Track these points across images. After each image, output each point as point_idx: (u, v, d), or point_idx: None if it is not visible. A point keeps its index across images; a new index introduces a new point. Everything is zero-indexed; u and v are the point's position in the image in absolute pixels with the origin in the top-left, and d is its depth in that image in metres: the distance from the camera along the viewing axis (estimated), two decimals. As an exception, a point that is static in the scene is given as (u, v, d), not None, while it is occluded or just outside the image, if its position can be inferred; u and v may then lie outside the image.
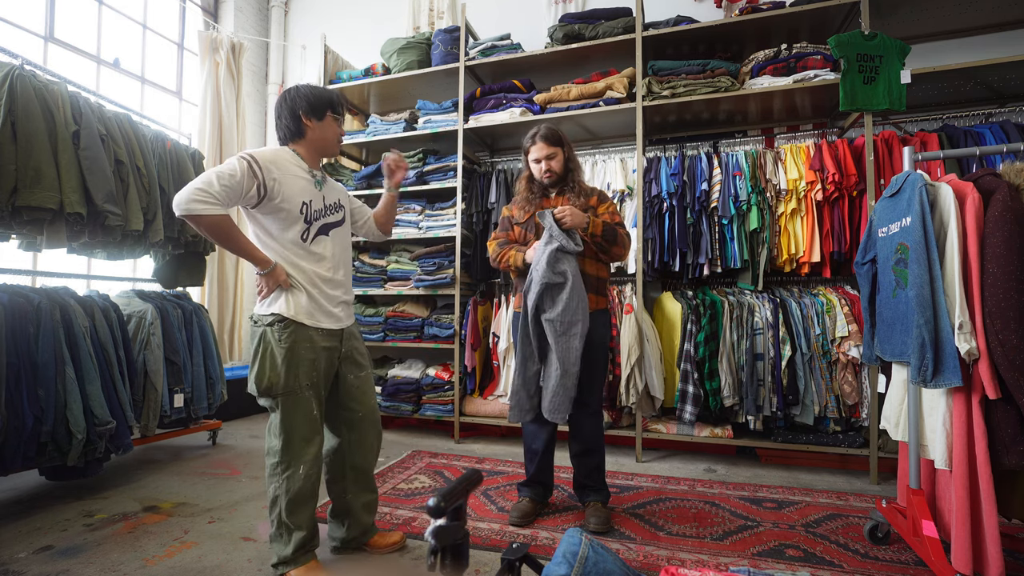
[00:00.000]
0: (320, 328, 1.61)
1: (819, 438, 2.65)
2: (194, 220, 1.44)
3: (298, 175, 1.60)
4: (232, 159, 1.50)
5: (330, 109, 1.67)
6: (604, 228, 1.96)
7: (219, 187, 1.44)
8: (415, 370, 3.47)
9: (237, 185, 1.47)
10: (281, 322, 1.56)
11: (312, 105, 1.63)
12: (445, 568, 0.77)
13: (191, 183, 1.44)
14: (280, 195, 1.54)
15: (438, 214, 3.44)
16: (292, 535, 1.57)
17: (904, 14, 2.84)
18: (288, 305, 1.56)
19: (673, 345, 2.90)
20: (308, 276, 1.60)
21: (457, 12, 3.98)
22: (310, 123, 1.64)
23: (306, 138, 1.65)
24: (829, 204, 2.78)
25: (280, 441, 1.57)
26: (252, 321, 1.61)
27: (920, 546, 1.64)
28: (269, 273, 1.54)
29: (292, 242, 1.59)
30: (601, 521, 1.95)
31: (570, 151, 2.10)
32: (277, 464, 1.58)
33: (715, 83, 2.88)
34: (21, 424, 2.01)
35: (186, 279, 3.16)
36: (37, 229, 2.19)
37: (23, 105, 2.07)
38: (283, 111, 1.64)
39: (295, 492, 1.57)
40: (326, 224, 1.65)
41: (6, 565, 1.68)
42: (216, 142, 3.91)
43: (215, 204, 1.44)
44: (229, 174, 1.46)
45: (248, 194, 1.50)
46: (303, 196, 1.59)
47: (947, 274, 1.57)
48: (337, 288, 1.68)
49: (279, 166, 1.56)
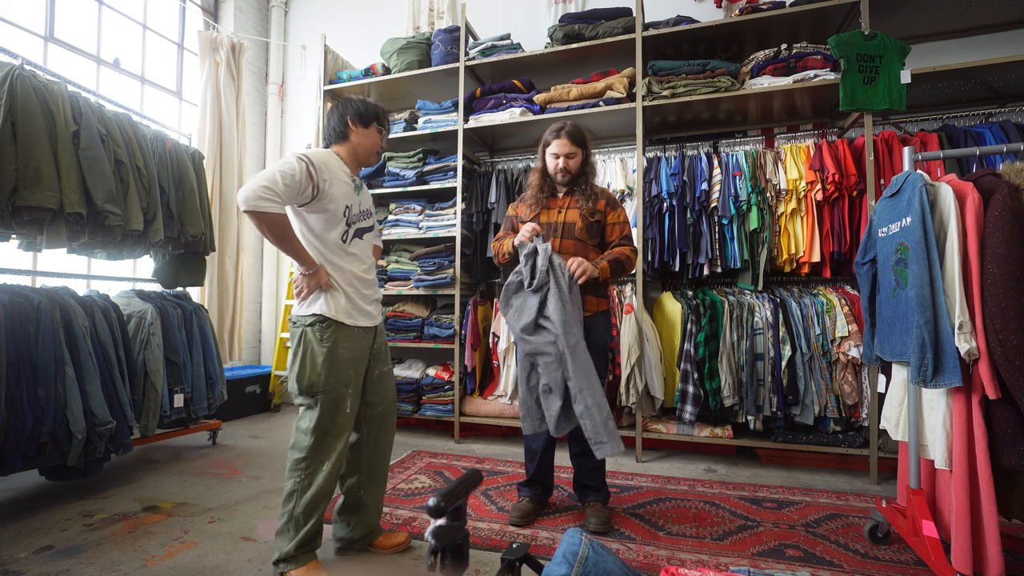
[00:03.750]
0: (357, 327, 1.67)
1: (819, 438, 2.65)
2: (256, 217, 1.48)
3: (343, 179, 1.67)
4: (291, 158, 1.55)
5: (375, 120, 1.76)
6: (611, 268, 1.96)
7: (283, 186, 1.48)
8: (415, 370, 3.47)
9: (296, 184, 1.52)
10: (322, 322, 1.60)
11: (360, 113, 1.73)
12: (445, 568, 0.77)
13: (256, 180, 1.47)
14: (328, 196, 1.60)
15: (438, 214, 3.44)
16: (299, 531, 1.58)
17: (904, 14, 2.84)
18: (328, 306, 1.61)
19: (673, 345, 2.90)
20: (347, 276, 1.66)
21: (457, 12, 3.98)
22: (355, 128, 1.73)
23: (349, 142, 1.74)
24: (829, 204, 2.78)
25: (311, 439, 1.59)
26: (291, 322, 1.66)
27: (920, 546, 1.64)
28: (313, 274, 1.60)
29: (334, 243, 1.64)
30: (601, 521, 1.95)
31: (589, 154, 2.09)
32: (302, 460, 1.60)
33: (715, 83, 2.88)
34: (21, 424, 2.01)
35: (186, 279, 3.15)
36: (37, 229, 2.19)
37: (23, 105, 2.07)
38: (333, 115, 1.74)
39: (316, 489, 1.58)
40: (361, 228, 1.73)
41: (6, 565, 1.68)
42: (216, 142, 3.91)
43: (279, 202, 1.49)
44: (291, 174, 1.50)
45: (303, 193, 1.55)
46: (346, 199, 1.66)
47: (947, 274, 1.57)
48: (370, 288, 1.75)
49: (329, 168, 1.62)
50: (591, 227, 2.03)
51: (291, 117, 4.74)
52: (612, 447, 1.75)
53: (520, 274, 1.95)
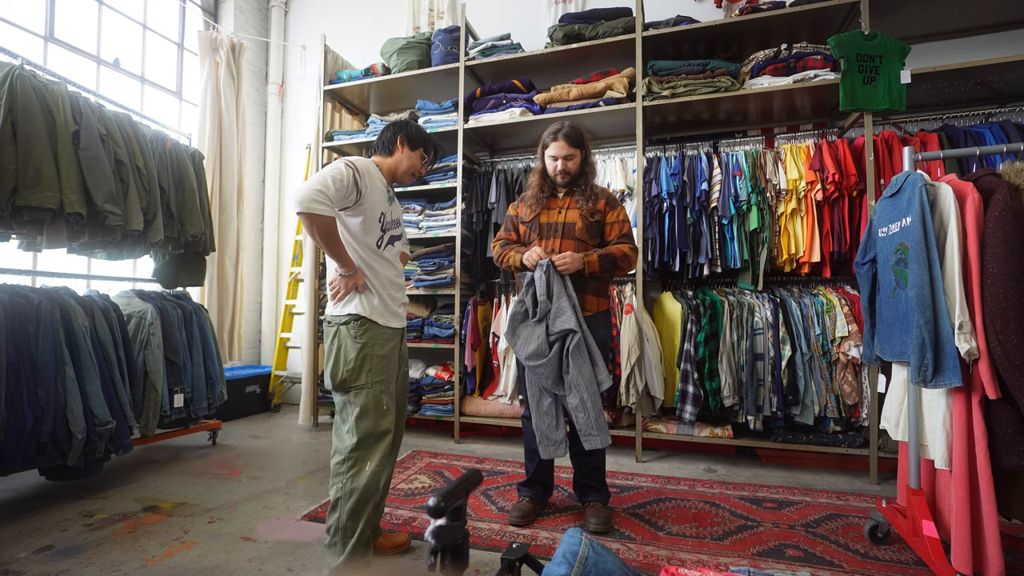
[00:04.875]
0: (389, 327, 1.73)
1: (819, 438, 2.65)
2: (309, 219, 1.55)
3: (380, 187, 1.75)
4: (339, 164, 1.63)
5: (423, 146, 1.86)
6: (601, 262, 1.96)
7: (334, 190, 1.56)
8: (415, 370, 3.47)
9: (344, 189, 1.60)
10: (357, 320, 1.67)
11: (411, 137, 1.83)
12: (445, 568, 0.77)
13: (309, 184, 1.54)
14: (368, 202, 1.68)
15: (438, 214, 3.44)
16: (348, 542, 1.57)
17: (904, 14, 2.84)
18: (363, 306, 1.68)
19: (673, 345, 2.90)
20: (381, 279, 1.73)
21: (457, 12, 3.98)
22: (402, 148, 1.82)
23: (392, 157, 1.83)
24: (829, 204, 2.78)
25: (353, 439, 1.61)
26: (326, 322, 1.74)
27: (920, 546, 1.64)
28: (352, 275, 1.67)
29: (370, 247, 1.72)
30: (601, 521, 1.95)
31: (588, 154, 2.09)
32: (343, 462, 1.61)
33: (715, 83, 2.88)
34: (21, 424, 2.01)
35: (186, 279, 3.15)
36: (37, 229, 2.19)
37: (23, 105, 2.07)
38: (388, 130, 1.85)
39: (361, 489, 1.58)
40: (392, 236, 1.81)
41: (6, 565, 1.68)
42: (216, 142, 3.91)
43: (330, 205, 1.56)
44: (340, 179, 1.58)
45: (348, 197, 1.63)
46: (381, 207, 1.74)
47: (947, 274, 1.57)
48: (400, 292, 1.82)
49: (370, 176, 1.71)
50: (591, 227, 2.03)
51: (291, 117, 4.74)
52: (601, 439, 1.87)
53: (524, 303, 1.99)
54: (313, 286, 3.70)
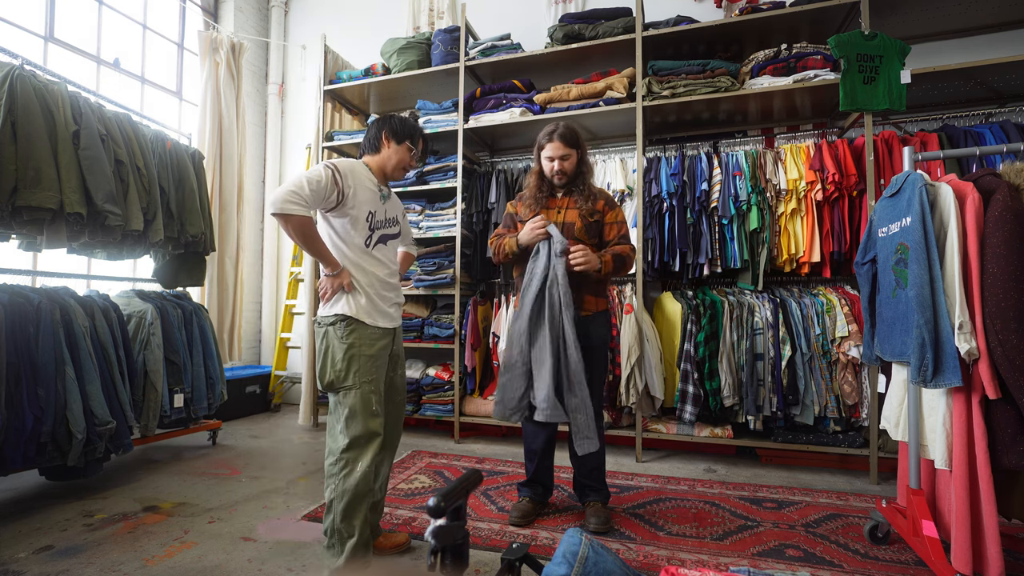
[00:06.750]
0: (377, 327, 1.72)
1: (819, 438, 2.65)
2: (283, 219, 1.58)
3: (368, 187, 1.74)
4: (318, 167, 1.65)
5: (408, 139, 1.84)
6: (614, 263, 1.98)
7: (308, 191, 1.58)
8: (415, 370, 3.47)
9: (322, 190, 1.61)
10: (343, 321, 1.67)
11: (395, 130, 1.82)
12: (445, 568, 0.77)
13: (284, 186, 1.57)
14: (352, 202, 1.68)
15: (438, 214, 3.44)
16: (346, 543, 1.58)
17: (904, 14, 2.84)
18: (350, 306, 1.68)
19: (673, 345, 2.90)
20: (369, 278, 1.72)
21: (457, 12, 3.98)
22: (387, 143, 1.82)
23: (380, 154, 1.83)
24: (829, 204, 2.78)
25: (345, 440, 1.62)
26: (316, 323, 1.74)
27: (920, 546, 1.64)
28: (337, 275, 1.67)
29: (357, 246, 1.72)
30: (601, 521, 1.95)
31: (584, 154, 2.09)
32: (336, 463, 1.62)
33: (715, 83, 2.88)
34: (21, 424, 2.01)
35: (186, 279, 3.15)
36: (37, 229, 2.19)
37: (23, 105, 2.07)
38: (372, 127, 1.84)
39: (352, 490, 1.58)
40: (385, 235, 1.80)
41: (6, 565, 1.68)
42: (216, 142, 3.91)
43: (304, 206, 1.58)
44: (316, 180, 1.60)
45: (328, 199, 1.64)
46: (370, 206, 1.74)
47: (947, 274, 1.57)
48: (391, 291, 1.81)
49: (355, 175, 1.71)
50: (590, 227, 2.03)
51: (291, 117, 4.74)
52: (594, 443, 1.88)
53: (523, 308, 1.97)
54: (313, 286, 3.70)
